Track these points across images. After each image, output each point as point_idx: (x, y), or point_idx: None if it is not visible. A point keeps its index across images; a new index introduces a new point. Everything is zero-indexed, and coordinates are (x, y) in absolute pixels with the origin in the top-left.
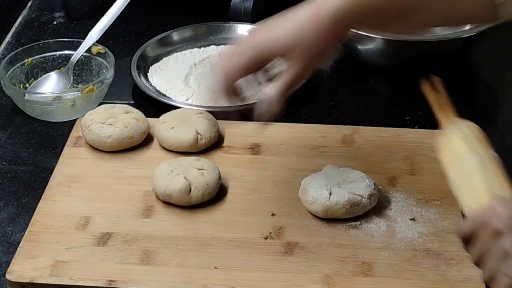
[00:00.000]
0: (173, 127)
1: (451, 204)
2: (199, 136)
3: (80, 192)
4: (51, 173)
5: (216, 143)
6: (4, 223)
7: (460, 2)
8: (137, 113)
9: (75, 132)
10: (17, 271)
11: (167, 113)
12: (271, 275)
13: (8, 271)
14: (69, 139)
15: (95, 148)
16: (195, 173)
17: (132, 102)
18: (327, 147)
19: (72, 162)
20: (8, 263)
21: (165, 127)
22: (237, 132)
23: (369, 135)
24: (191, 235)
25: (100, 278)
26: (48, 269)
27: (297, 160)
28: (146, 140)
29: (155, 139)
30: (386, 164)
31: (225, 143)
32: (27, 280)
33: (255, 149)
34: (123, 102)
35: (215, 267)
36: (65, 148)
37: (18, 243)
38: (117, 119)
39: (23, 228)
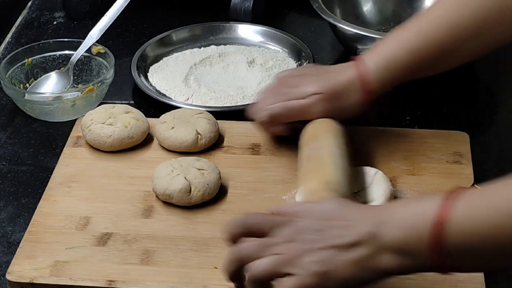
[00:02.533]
0: (173, 127)
1: None
2: (199, 136)
3: (80, 192)
4: (51, 173)
5: (216, 143)
6: (4, 223)
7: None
8: (137, 113)
9: (75, 132)
10: (17, 271)
11: (167, 113)
12: None
13: (8, 271)
14: (69, 139)
15: (95, 148)
16: (195, 173)
17: (132, 102)
18: None
19: (72, 162)
20: (8, 263)
21: (165, 127)
22: (237, 132)
23: (369, 135)
24: (191, 235)
25: (100, 278)
26: (48, 269)
27: (296, 160)
28: (146, 140)
29: (155, 139)
30: (386, 164)
31: (225, 143)
32: (27, 280)
33: (255, 149)
34: (123, 102)
35: (215, 267)
36: (65, 148)
37: (18, 243)
38: (117, 119)
39: (23, 228)
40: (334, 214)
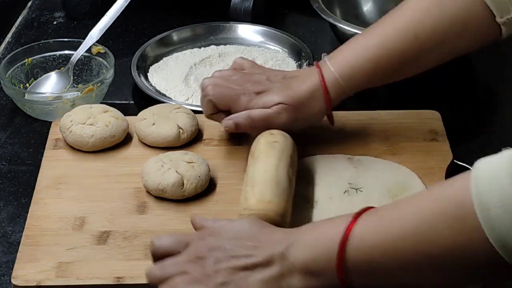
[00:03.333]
0: (154, 123)
1: (434, 180)
2: (181, 130)
3: (69, 193)
4: None
5: (196, 137)
6: (4, 223)
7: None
8: (115, 112)
9: (52, 135)
10: (22, 275)
11: (145, 110)
12: None
13: (13, 276)
14: (48, 142)
15: (75, 149)
16: (186, 167)
17: (132, 102)
18: (306, 133)
19: (55, 164)
20: (8, 263)
21: (145, 123)
22: (215, 124)
23: (345, 119)
24: (190, 228)
25: (108, 276)
26: (53, 271)
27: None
28: (125, 138)
29: (134, 136)
30: (367, 145)
31: (205, 136)
32: (34, 284)
33: (236, 140)
34: (123, 102)
35: None
36: (45, 151)
37: (18, 243)
38: (97, 119)
39: (23, 228)
40: (246, 234)
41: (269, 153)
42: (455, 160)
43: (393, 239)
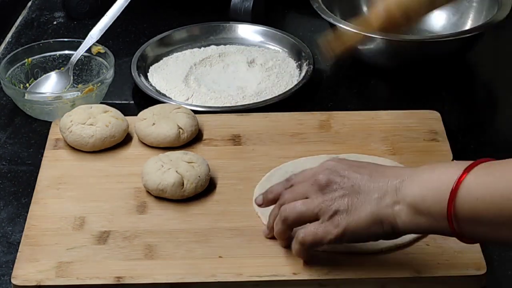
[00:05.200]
0: (154, 123)
1: None
2: (181, 130)
3: (70, 193)
4: None
5: (196, 137)
6: (4, 223)
7: None
8: (115, 112)
9: (52, 135)
10: (21, 275)
11: (146, 110)
12: (276, 260)
13: (13, 276)
14: (48, 142)
15: (75, 149)
16: (186, 167)
17: (132, 102)
18: (306, 134)
19: (56, 164)
20: (8, 263)
21: (145, 123)
22: (215, 124)
23: (345, 119)
24: (190, 228)
25: (108, 276)
26: (53, 270)
27: (278, 148)
28: (125, 138)
29: (134, 136)
30: (366, 146)
31: (205, 136)
32: (34, 283)
33: (236, 140)
34: (123, 102)
35: (219, 257)
36: (45, 152)
37: (18, 243)
38: (97, 119)
39: (23, 228)
40: (365, 166)
41: None
42: (455, 160)
43: (499, 195)
